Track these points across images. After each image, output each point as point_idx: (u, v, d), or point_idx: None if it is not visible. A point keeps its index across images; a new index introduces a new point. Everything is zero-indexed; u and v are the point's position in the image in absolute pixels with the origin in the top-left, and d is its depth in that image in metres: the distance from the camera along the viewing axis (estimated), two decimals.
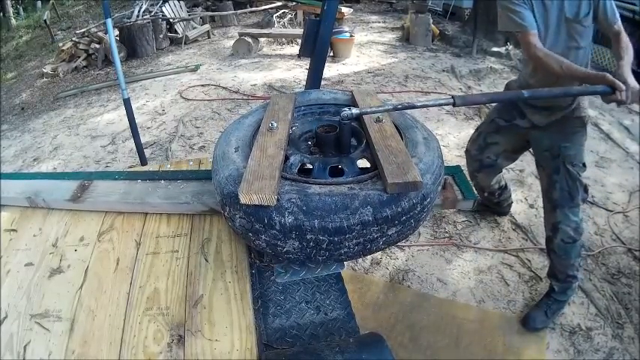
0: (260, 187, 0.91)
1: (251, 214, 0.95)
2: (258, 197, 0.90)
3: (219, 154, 1.12)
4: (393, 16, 8.02)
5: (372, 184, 0.97)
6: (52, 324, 1.02)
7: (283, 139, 1.10)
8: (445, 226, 2.40)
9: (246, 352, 0.93)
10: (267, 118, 1.21)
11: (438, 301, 1.95)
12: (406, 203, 0.95)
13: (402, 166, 0.96)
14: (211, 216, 1.29)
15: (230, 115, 4.04)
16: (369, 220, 0.91)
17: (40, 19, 9.44)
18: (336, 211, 0.90)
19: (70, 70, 6.08)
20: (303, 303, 1.06)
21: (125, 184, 1.39)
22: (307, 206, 0.90)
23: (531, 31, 1.49)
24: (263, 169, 0.97)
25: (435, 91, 4.33)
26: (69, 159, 3.57)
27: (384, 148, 1.04)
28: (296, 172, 1.05)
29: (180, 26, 6.96)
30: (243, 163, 1.04)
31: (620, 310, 1.89)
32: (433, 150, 1.11)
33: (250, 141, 1.17)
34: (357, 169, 1.06)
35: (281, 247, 0.97)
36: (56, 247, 1.23)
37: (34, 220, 1.34)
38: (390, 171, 0.94)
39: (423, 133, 1.20)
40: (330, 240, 0.93)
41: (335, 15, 2.15)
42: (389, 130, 1.13)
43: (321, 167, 1.05)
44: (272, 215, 0.92)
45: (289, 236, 0.94)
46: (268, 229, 0.94)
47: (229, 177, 1.01)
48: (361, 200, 0.91)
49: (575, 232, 1.73)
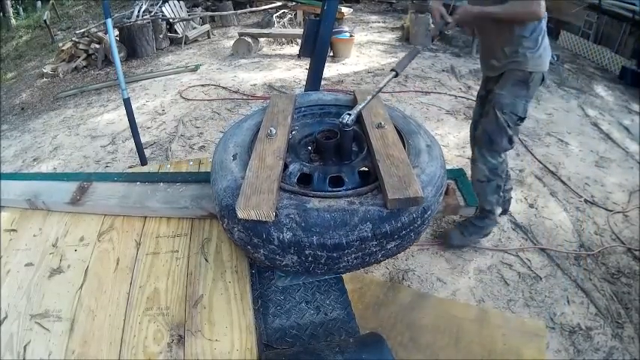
0: (258, 202, 0.89)
1: (249, 228, 0.94)
2: (255, 213, 0.88)
3: (217, 161, 1.10)
4: (393, 16, 8.02)
5: (372, 198, 0.94)
6: (52, 324, 1.02)
7: (282, 147, 1.07)
8: (445, 225, 2.40)
9: (246, 352, 0.93)
10: (266, 123, 1.18)
11: (437, 300, 1.95)
12: (406, 218, 0.94)
13: (404, 179, 0.93)
14: (211, 216, 1.29)
15: (230, 115, 4.04)
16: (367, 235, 0.90)
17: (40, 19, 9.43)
18: (334, 228, 0.89)
19: (70, 70, 6.07)
20: (303, 303, 1.06)
21: (124, 187, 1.39)
22: (306, 222, 0.89)
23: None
24: (261, 181, 0.94)
25: (435, 90, 4.33)
26: (69, 159, 3.56)
27: (385, 158, 1.01)
28: (295, 181, 1.03)
29: (180, 26, 6.95)
30: (242, 173, 1.01)
31: (620, 310, 1.89)
32: (436, 159, 1.08)
33: (249, 146, 1.13)
34: (357, 179, 1.04)
35: (280, 261, 0.97)
36: (56, 247, 1.23)
37: (34, 221, 1.34)
38: (391, 185, 0.92)
39: (426, 139, 1.16)
40: (328, 255, 0.92)
41: (335, 15, 2.15)
42: (391, 138, 1.10)
43: (321, 177, 1.02)
44: (270, 231, 0.91)
45: (288, 251, 0.93)
46: (267, 244, 0.94)
47: (227, 188, 0.99)
48: (360, 217, 0.90)
49: (490, 172, 1.90)
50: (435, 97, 4.18)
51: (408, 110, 3.81)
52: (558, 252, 2.20)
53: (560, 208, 2.54)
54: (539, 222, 2.43)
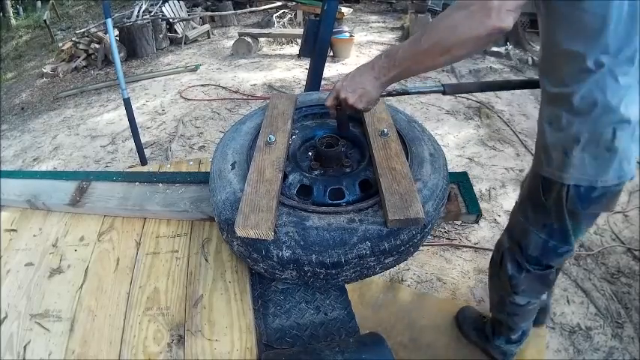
0: (256, 222, 0.88)
1: (248, 244, 0.94)
2: (254, 233, 0.88)
3: (215, 170, 1.08)
4: (393, 16, 8.01)
5: (372, 215, 0.93)
6: (52, 324, 1.02)
7: (282, 156, 1.04)
8: (445, 225, 2.40)
9: (246, 352, 0.93)
10: (265, 128, 1.14)
11: (437, 300, 1.95)
12: (406, 235, 0.93)
13: (405, 197, 0.92)
14: (211, 219, 1.29)
15: (230, 115, 4.04)
16: (366, 253, 0.90)
17: (40, 19, 9.43)
18: (333, 247, 0.89)
19: (70, 70, 6.07)
20: (303, 303, 1.06)
21: (123, 187, 1.38)
22: (305, 241, 0.89)
23: None
24: (260, 197, 0.93)
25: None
26: (69, 159, 3.57)
27: (387, 172, 0.99)
28: (295, 192, 1.02)
29: (180, 26, 6.95)
30: (240, 184, 1.00)
31: (620, 310, 1.89)
32: (439, 170, 1.06)
33: (248, 152, 1.11)
34: (357, 192, 1.02)
35: (279, 275, 0.97)
36: (56, 247, 1.23)
37: (34, 220, 1.34)
38: (392, 204, 0.90)
39: (429, 147, 1.13)
40: (327, 272, 0.92)
41: (335, 15, 2.15)
42: (394, 148, 1.06)
43: (321, 189, 1.01)
44: (269, 248, 0.91)
45: (287, 267, 0.93)
46: (266, 260, 0.94)
47: (226, 201, 0.98)
48: (360, 236, 0.89)
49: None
50: (435, 97, 4.17)
51: (408, 110, 3.81)
52: None
53: None
54: None
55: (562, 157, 0.99)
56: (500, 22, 0.77)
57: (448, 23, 0.83)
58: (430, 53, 0.86)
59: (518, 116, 3.73)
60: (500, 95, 4.13)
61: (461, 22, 0.80)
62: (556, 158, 1.01)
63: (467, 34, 0.80)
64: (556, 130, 0.99)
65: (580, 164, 0.96)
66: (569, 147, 0.97)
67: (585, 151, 0.95)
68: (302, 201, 1.00)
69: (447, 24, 0.83)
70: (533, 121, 3.58)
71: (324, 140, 1.13)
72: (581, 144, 0.94)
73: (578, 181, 0.99)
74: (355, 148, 1.20)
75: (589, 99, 0.90)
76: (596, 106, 0.90)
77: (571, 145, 0.96)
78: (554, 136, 1.00)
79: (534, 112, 3.72)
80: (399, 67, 0.91)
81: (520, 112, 3.79)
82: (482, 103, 3.95)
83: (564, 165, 0.99)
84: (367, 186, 1.04)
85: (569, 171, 0.99)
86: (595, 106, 0.90)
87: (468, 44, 0.82)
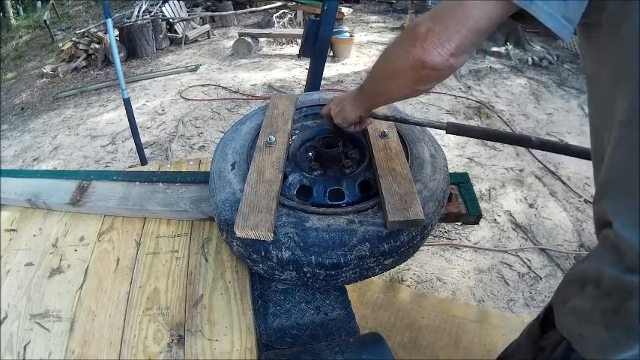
0: (256, 223, 0.88)
1: (248, 245, 0.94)
2: (254, 234, 0.88)
3: (215, 171, 1.08)
4: (393, 16, 8.02)
5: (372, 216, 0.93)
6: (52, 324, 1.02)
7: (282, 157, 1.04)
8: (445, 225, 2.40)
9: (246, 352, 0.93)
10: (265, 128, 1.14)
11: (437, 300, 1.95)
12: (405, 237, 0.93)
13: (405, 198, 0.92)
14: (211, 219, 1.29)
15: (230, 115, 4.04)
16: (366, 254, 0.90)
17: (40, 19, 9.44)
18: (333, 248, 0.89)
19: (70, 70, 6.07)
20: (303, 303, 1.06)
21: (124, 187, 1.38)
22: (304, 242, 0.89)
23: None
24: (260, 198, 0.93)
25: (435, 90, 4.33)
26: (69, 159, 3.57)
27: (387, 173, 0.99)
28: (295, 193, 1.02)
29: (180, 26, 6.96)
30: (240, 185, 0.99)
31: None
32: (439, 171, 1.06)
33: (248, 152, 1.11)
34: (357, 192, 1.02)
35: (279, 276, 0.97)
36: (56, 246, 1.23)
37: (34, 220, 1.34)
38: (392, 205, 0.90)
39: (430, 148, 1.13)
40: (327, 273, 0.92)
41: (335, 15, 2.15)
42: (394, 149, 1.06)
43: (321, 190, 1.01)
44: (269, 249, 0.91)
45: (286, 268, 0.93)
46: (265, 261, 0.94)
47: (226, 201, 0.98)
48: (359, 237, 0.89)
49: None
50: (435, 97, 4.18)
51: (407, 110, 3.81)
52: (558, 252, 2.21)
53: (560, 208, 2.54)
54: (539, 222, 2.43)
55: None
56: (425, 55, 0.60)
57: (388, 48, 0.73)
58: (380, 78, 0.78)
59: (518, 116, 3.74)
60: (500, 95, 4.14)
61: (392, 47, 0.70)
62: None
63: (394, 64, 0.69)
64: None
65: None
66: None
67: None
68: (302, 202, 1.00)
69: (387, 48, 0.73)
70: (532, 121, 3.58)
71: (325, 140, 1.13)
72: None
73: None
74: (355, 148, 1.20)
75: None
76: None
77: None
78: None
79: (534, 112, 3.72)
80: (366, 91, 0.87)
81: (520, 112, 3.80)
82: (483, 103, 3.95)
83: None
84: (367, 187, 1.04)
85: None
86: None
87: (404, 75, 0.68)
